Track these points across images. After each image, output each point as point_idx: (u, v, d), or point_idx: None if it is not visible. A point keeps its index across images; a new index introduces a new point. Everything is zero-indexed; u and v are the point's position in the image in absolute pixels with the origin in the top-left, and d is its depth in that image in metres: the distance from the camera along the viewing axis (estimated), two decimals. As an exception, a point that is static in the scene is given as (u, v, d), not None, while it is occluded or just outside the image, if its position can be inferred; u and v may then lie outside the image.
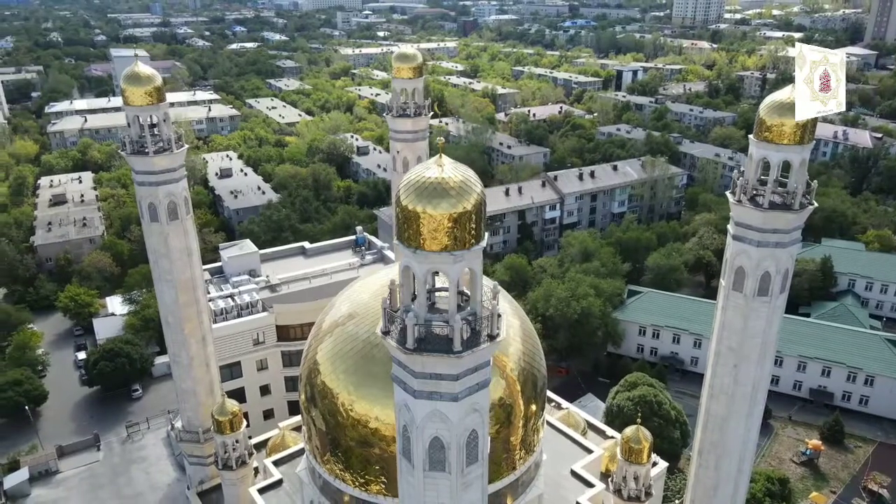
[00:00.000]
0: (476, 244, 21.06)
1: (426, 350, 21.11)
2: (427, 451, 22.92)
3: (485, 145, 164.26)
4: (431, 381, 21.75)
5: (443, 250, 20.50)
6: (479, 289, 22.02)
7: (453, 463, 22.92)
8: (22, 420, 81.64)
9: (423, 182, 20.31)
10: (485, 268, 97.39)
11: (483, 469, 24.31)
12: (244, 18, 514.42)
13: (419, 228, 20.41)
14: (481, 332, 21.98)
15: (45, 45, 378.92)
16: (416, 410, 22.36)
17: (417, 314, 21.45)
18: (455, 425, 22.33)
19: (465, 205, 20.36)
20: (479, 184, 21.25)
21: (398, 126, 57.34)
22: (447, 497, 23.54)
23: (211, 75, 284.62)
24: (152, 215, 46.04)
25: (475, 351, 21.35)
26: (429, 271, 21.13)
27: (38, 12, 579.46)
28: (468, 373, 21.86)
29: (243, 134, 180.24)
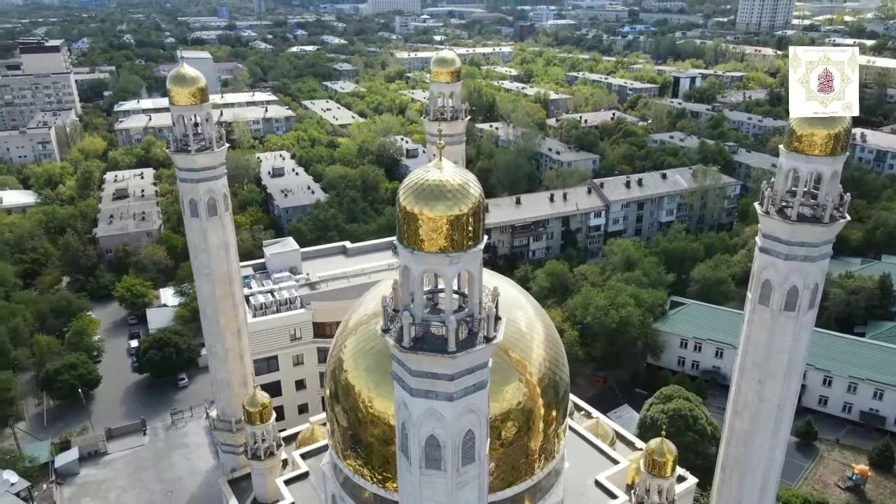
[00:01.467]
0: (473, 247, 21.38)
1: (422, 349, 21.55)
2: (423, 449, 23.34)
3: (533, 150, 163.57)
4: (427, 380, 22.18)
5: (439, 252, 20.91)
6: (478, 291, 22.33)
7: (449, 462, 23.27)
8: (76, 402, 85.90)
9: (422, 184, 20.78)
10: (526, 273, 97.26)
11: (480, 470, 24.55)
12: (306, 22, 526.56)
13: (417, 229, 20.88)
14: (478, 334, 22.28)
15: (119, 46, 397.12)
16: (413, 408, 22.83)
17: (414, 314, 21.91)
18: (450, 425, 22.68)
19: (463, 207, 20.71)
20: (478, 187, 21.55)
21: (433, 129, 58.06)
22: (443, 495, 23.90)
23: (270, 77, 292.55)
24: (193, 211, 48.04)
25: (470, 352, 21.66)
26: (425, 272, 21.57)
27: (113, 15, 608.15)
28: (464, 374, 22.17)
29: (297, 134, 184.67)
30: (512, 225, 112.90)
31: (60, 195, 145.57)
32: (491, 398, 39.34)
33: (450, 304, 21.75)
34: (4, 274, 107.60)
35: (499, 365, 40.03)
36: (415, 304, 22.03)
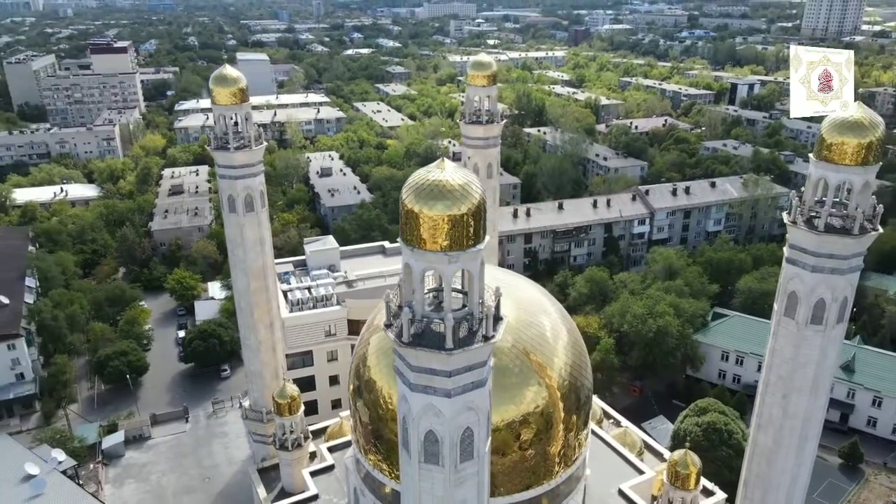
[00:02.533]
0: (473, 247, 21.76)
1: (420, 345, 22.04)
2: (423, 444, 23.81)
3: (580, 156, 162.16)
4: (426, 376, 22.64)
5: (439, 250, 21.38)
6: (477, 290, 22.69)
7: (447, 457, 23.66)
8: (124, 388, 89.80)
9: (424, 183, 21.29)
10: (565, 278, 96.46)
11: (480, 467, 24.85)
12: (362, 25, 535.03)
13: (418, 228, 21.41)
14: (478, 333, 22.63)
15: (183, 48, 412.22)
16: (413, 403, 23.34)
17: (415, 310, 22.43)
18: (448, 421, 23.08)
19: (463, 207, 21.13)
20: (479, 188, 21.91)
21: (470, 132, 58.57)
22: (441, 490, 24.31)
23: (325, 79, 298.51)
24: (231, 206, 49.81)
25: (467, 350, 22.02)
26: (425, 269, 22.06)
27: (180, 18, 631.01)
28: (462, 371, 22.54)
29: (346, 135, 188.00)
30: (553, 230, 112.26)
31: (121, 189, 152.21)
32: (510, 400, 39.95)
33: (448, 301, 22.19)
34: (66, 263, 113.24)
35: (519, 368, 40.25)
36: (415, 301, 22.55)
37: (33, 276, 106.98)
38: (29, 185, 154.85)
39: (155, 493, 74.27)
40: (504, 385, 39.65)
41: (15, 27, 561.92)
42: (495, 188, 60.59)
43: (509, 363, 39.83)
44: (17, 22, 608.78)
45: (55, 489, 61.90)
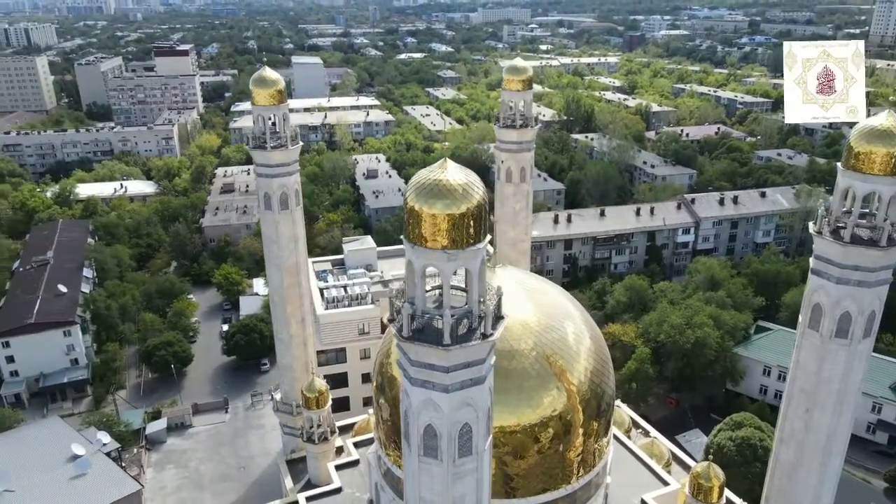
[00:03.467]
0: (472, 246, 22.24)
1: (418, 339, 22.64)
2: (422, 438, 24.39)
3: (627, 163, 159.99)
4: (425, 371, 23.23)
5: (438, 248, 21.96)
6: (477, 288, 23.12)
7: (445, 452, 24.17)
8: (169, 377, 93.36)
9: (426, 182, 21.93)
10: (603, 286, 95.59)
11: (479, 464, 25.22)
12: (416, 30, 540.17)
13: (419, 226, 22.04)
14: (476, 331, 23.08)
15: (243, 51, 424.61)
16: (413, 397, 23.96)
17: (416, 306, 23.06)
18: (446, 415, 23.59)
19: (462, 207, 21.65)
20: (480, 189, 22.39)
21: (504, 136, 58.99)
22: (439, 484, 24.82)
23: (377, 82, 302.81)
24: (267, 204, 51.56)
25: (464, 347, 22.51)
26: (425, 266, 22.66)
27: (242, 22, 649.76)
28: (460, 367, 23.02)
29: (394, 138, 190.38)
30: (594, 237, 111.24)
31: (176, 187, 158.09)
32: (529, 404, 40.16)
33: (447, 299, 22.72)
34: (121, 256, 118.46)
35: (538, 371, 40.43)
36: (416, 297, 23.18)
37: (91, 267, 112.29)
38: (92, 180, 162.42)
39: (193, 479, 77.00)
40: (523, 388, 39.95)
41: (87, 30, 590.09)
42: (528, 192, 60.77)
43: (528, 366, 40.08)
44: (89, 25, 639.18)
45: (99, 469, 64.96)
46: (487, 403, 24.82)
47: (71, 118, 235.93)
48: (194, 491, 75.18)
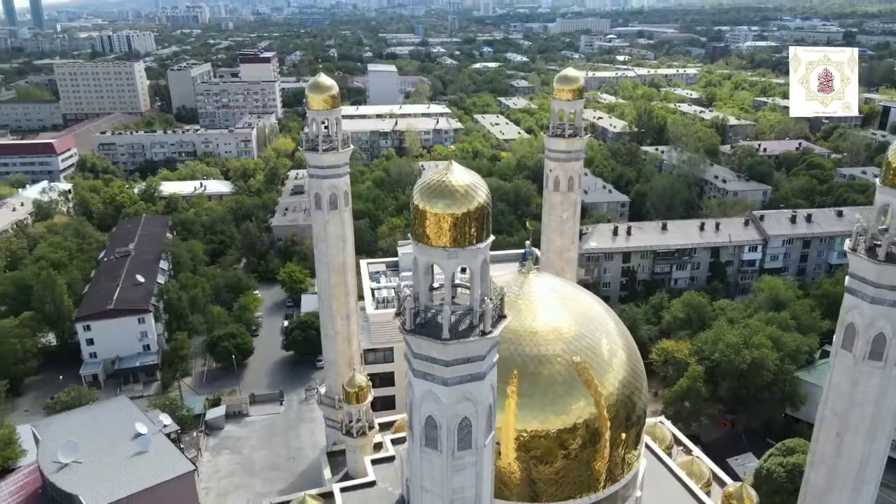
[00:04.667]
0: (472, 245, 23.12)
1: (419, 333, 23.69)
2: (423, 428, 25.37)
3: (697, 177, 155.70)
4: (427, 363, 24.23)
5: (440, 246, 22.97)
6: (478, 287, 23.94)
7: (444, 443, 25.05)
8: (230, 367, 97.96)
9: (431, 182, 23.04)
10: (660, 301, 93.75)
11: (478, 458, 25.92)
12: (493, 40, 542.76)
13: (423, 224, 23.14)
14: (476, 328, 23.90)
15: (324, 59, 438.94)
16: (415, 388, 25.00)
17: (419, 300, 24.12)
18: (446, 408, 24.48)
19: (463, 208, 22.61)
20: (482, 192, 23.28)
21: (552, 145, 59.26)
22: (439, 474, 25.70)
23: (450, 91, 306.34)
24: (317, 203, 53.94)
25: (463, 342, 23.37)
26: (428, 263, 23.70)
27: (325, 31, 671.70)
28: (459, 362, 23.88)
29: (462, 146, 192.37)
30: (654, 250, 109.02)
31: (251, 187, 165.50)
32: (555, 410, 40.48)
33: (448, 295, 23.68)
34: (195, 251, 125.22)
35: (564, 378, 40.62)
36: (420, 292, 24.25)
37: (167, 259, 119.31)
38: (175, 179, 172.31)
39: (245, 466, 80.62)
40: (551, 393, 40.27)
41: (183, 38, 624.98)
42: (576, 201, 60.74)
43: (557, 373, 40.35)
44: (185, 34, 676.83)
45: (158, 448, 69.07)
46: (488, 400, 25.55)
47: (161, 120, 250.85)
48: (246, 476, 78.69)
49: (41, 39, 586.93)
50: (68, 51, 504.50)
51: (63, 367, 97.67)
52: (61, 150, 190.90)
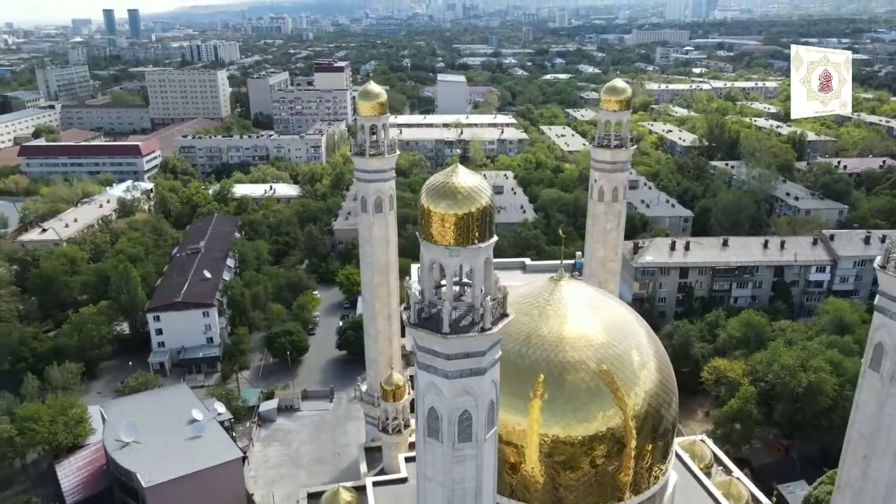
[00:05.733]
0: (473, 245, 24.18)
1: (422, 326, 24.90)
2: (426, 419, 26.53)
3: (767, 194, 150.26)
4: (429, 356, 25.41)
5: (442, 244, 24.15)
6: (479, 284, 24.96)
7: (445, 433, 26.10)
8: (286, 363, 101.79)
9: (436, 183, 24.30)
10: (717, 319, 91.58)
11: (478, 451, 26.80)
12: (566, 51, 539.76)
13: (428, 223, 24.40)
14: (477, 324, 24.90)
15: (397, 69, 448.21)
16: (420, 379, 26.21)
17: (424, 295, 25.36)
18: (446, 400, 25.56)
19: (464, 208, 23.73)
20: (485, 194, 24.32)
21: (598, 156, 59.42)
22: (440, 464, 26.77)
23: (518, 101, 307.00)
24: (363, 206, 56.11)
25: (461, 337, 24.43)
26: (432, 261, 24.90)
27: (401, 42, 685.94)
28: (460, 356, 24.94)
29: (526, 157, 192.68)
30: (713, 267, 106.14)
31: (317, 191, 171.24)
32: (577, 417, 40.86)
33: (450, 291, 24.80)
34: (260, 250, 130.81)
35: (589, 385, 40.82)
36: (425, 288, 25.48)
37: (234, 257, 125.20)
38: (248, 181, 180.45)
39: (293, 458, 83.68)
40: (574, 400, 40.55)
41: (266, 48, 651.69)
42: (620, 212, 60.55)
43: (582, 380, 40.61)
44: (268, 44, 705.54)
45: (211, 434, 72.88)
46: (490, 396, 26.45)
47: (239, 126, 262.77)
48: (292, 468, 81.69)
49: (137, 48, 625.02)
50: (161, 59, 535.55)
51: (134, 355, 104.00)
52: (146, 152, 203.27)
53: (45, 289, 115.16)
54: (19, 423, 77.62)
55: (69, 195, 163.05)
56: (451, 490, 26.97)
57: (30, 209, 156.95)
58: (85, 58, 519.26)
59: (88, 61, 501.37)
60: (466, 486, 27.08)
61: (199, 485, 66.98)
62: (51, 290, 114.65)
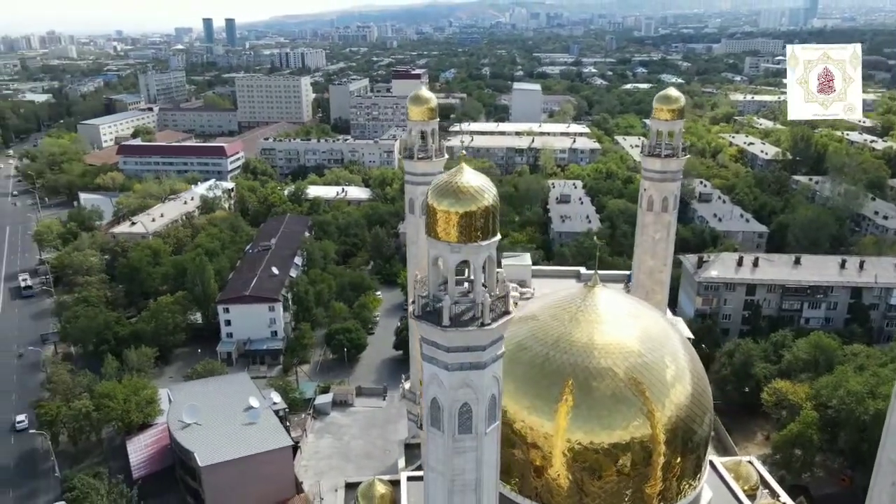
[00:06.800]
0: (474, 242, 25.05)
1: (424, 318, 25.97)
2: (429, 409, 27.54)
3: (853, 211, 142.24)
4: (432, 348, 26.43)
5: (444, 241, 25.17)
6: (479, 281, 25.75)
7: (445, 424, 27.01)
8: (343, 359, 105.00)
9: (441, 182, 25.34)
10: (784, 339, 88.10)
11: (478, 444, 27.51)
12: (649, 61, 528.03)
13: (434, 220, 25.46)
14: (477, 320, 25.72)
15: (476, 76, 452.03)
16: (425, 370, 27.29)
17: (428, 289, 26.43)
18: (447, 391, 26.48)
19: (465, 207, 24.65)
20: (488, 194, 25.13)
21: (648, 165, 58.80)
22: (441, 453, 27.67)
23: (595, 111, 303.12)
24: (410, 208, 57.77)
25: (459, 330, 25.30)
26: (436, 256, 25.93)
27: (482, 50, 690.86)
28: (459, 350, 25.82)
29: (596, 166, 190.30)
30: (783, 285, 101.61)
31: (386, 195, 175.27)
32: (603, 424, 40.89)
33: (451, 286, 25.74)
34: (328, 250, 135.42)
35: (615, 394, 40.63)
36: (430, 283, 26.55)
37: (302, 256, 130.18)
38: (322, 183, 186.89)
39: (343, 451, 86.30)
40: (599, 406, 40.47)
41: (351, 56, 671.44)
42: (670, 223, 59.59)
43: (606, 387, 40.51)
44: (353, 51, 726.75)
45: (264, 422, 76.47)
46: (491, 391, 27.16)
47: (318, 130, 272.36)
48: (341, 461, 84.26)
49: (231, 55, 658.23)
50: (252, 66, 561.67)
51: (204, 343, 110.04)
52: (231, 153, 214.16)
53: (131, 278, 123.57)
54: (97, 400, 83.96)
55: (158, 192, 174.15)
56: (451, 480, 27.83)
57: (123, 204, 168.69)
58: (183, 64, 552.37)
59: (186, 67, 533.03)
60: (467, 477, 27.86)
61: (251, 468, 70.40)
62: (136, 279, 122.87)
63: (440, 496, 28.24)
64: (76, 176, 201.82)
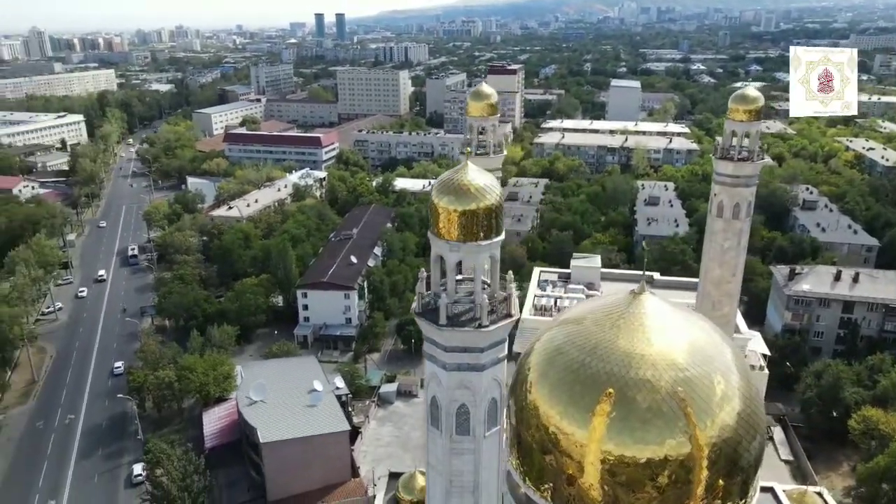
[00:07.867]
0: (474, 242, 24.51)
1: (424, 316, 25.74)
2: (429, 407, 27.33)
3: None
4: (432, 346, 26.19)
5: (444, 239, 24.80)
6: (479, 280, 25.20)
7: (443, 423, 26.73)
8: (412, 351, 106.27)
9: (444, 180, 24.97)
10: (881, 363, 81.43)
11: (476, 446, 27.06)
12: (765, 58, 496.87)
13: (436, 217, 25.16)
14: (475, 319, 25.20)
15: (576, 73, 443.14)
16: (427, 368, 27.10)
17: (430, 289, 26.15)
18: (445, 390, 26.17)
19: (470, 206, 24.16)
20: (490, 194, 24.48)
21: (719, 168, 55.69)
22: (440, 453, 27.44)
23: (698, 110, 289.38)
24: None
25: (457, 330, 24.88)
26: (438, 254, 25.59)
27: (586, 46, 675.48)
28: (457, 349, 25.42)
29: (692, 168, 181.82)
30: (886, 304, 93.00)
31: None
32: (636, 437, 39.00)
33: (451, 285, 25.35)
34: (407, 242, 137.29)
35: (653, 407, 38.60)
36: (432, 281, 26.27)
37: (382, 246, 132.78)
38: (410, 176, 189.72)
39: (402, 440, 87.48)
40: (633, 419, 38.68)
41: (453, 50, 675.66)
42: (741, 231, 55.96)
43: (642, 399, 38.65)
44: (457, 46, 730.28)
45: (326, 405, 78.87)
46: (491, 394, 26.60)
47: (412, 123, 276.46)
48: (400, 449, 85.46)
49: (339, 49, 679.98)
50: (357, 59, 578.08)
51: (283, 325, 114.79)
52: (326, 144, 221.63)
53: (223, 259, 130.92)
54: (179, 372, 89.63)
55: (256, 178, 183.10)
56: (449, 481, 27.55)
57: (224, 189, 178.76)
58: (294, 57, 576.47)
59: (295, 60, 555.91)
60: (465, 479, 27.48)
61: (308, 449, 72.93)
62: (227, 260, 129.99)
63: (438, 495, 28.05)
64: (186, 161, 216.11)
